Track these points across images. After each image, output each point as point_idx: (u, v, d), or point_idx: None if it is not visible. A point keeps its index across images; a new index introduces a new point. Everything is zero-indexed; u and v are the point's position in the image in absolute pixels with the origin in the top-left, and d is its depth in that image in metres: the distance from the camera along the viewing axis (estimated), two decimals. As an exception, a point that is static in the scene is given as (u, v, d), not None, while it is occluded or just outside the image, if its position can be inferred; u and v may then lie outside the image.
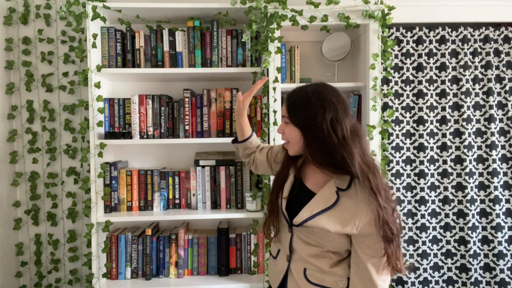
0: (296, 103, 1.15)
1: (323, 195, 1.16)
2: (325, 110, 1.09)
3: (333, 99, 1.11)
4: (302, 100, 1.14)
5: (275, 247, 1.33)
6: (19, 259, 2.14)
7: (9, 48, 2.07)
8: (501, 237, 2.03)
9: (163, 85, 2.16)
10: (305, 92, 1.15)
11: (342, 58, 2.03)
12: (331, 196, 1.14)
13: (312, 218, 1.14)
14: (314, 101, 1.12)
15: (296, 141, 1.17)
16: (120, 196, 1.97)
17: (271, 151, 1.48)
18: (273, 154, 1.46)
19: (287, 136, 1.20)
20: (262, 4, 1.83)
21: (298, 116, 1.14)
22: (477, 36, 2.05)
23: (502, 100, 2.06)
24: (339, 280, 1.18)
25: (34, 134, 2.12)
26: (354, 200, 1.12)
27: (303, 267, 1.21)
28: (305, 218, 1.16)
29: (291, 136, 1.18)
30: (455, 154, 2.06)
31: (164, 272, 1.99)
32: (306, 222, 1.15)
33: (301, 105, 1.13)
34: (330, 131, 1.08)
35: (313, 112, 1.10)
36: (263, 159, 1.49)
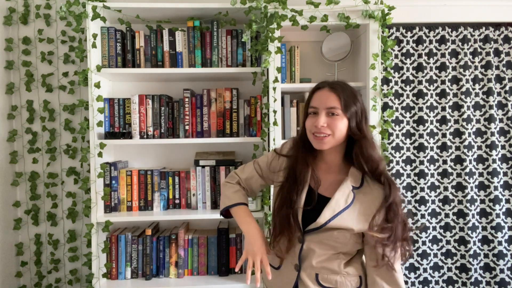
0: (347, 95, 1.14)
1: (343, 194, 1.15)
2: (365, 109, 1.17)
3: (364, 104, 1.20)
4: (352, 93, 1.16)
5: (276, 257, 1.26)
6: (19, 259, 2.14)
7: (9, 48, 2.07)
8: (501, 237, 2.03)
9: (163, 85, 2.16)
10: (349, 87, 1.18)
11: (342, 58, 2.03)
12: (350, 194, 1.16)
13: (335, 218, 1.13)
14: (359, 98, 1.17)
15: (342, 133, 1.14)
16: (120, 196, 1.97)
17: (257, 165, 1.35)
18: (263, 166, 1.34)
19: (334, 127, 1.12)
20: (262, 4, 1.83)
21: (351, 108, 1.13)
22: (477, 36, 2.05)
23: (502, 100, 2.06)
24: (352, 280, 1.19)
25: (34, 134, 2.12)
26: (370, 196, 1.16)
27: (315, 273, 1.18)
28: (328, 218, 1.13)
29: (339, 128, 1.13)
30: (455, 154, 2.06)
31: (164, 272, 1.99)
32: (330, 222, 1.13)
33: (352, 98, 1.15)
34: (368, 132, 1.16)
35: (359, 108, 1.15)
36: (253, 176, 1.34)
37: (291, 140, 1.32)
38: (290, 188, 1.18)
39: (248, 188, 1.36)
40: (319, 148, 1.16)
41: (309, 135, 1.18)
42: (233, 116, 1.99)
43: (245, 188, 1.36)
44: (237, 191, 1.32)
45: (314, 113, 1.16)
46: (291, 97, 2.02)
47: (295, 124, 1.99)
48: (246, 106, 2.00)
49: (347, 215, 1.14)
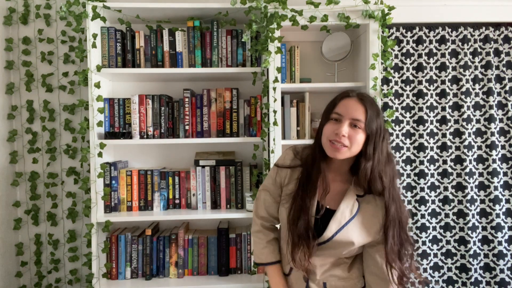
0: (373, 111, 1.12)
1: (347, 205, 1.14)
2: (386, 130, 1.15)
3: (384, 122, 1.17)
4: (377, 111, 1.14)
5: (286, 264, 1.26)
6: (19, 259, 2.14)
7: (9, 48, 2.07)
8: (501, 237, 2.03)
9: (163, 85, 2.16)
10: (376, 103, 1.15)
11: (342, 58, 2.03)
12: (354, 204, 1.15)
13: (341, 230, 1.12)
14: (381, 117, 1.14)
15: (358, 148, 1.11)
16: (120, 196, 1.97)
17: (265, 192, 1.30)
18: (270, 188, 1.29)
19: (353, 140, 1.10)
20: (262, 4, 1.83)
21: (372, 124, 1.11)
22: (477, 36, 2.05)
23: (502, 100, 2.06)
24: (357, 282, 1.21)
25: (34, 134, 2.12)
26: (373, 204, 1.15)
27: (323, 282, 1.21)
28: (334, 231, 1.12)
29: (358, 141, 1.10)
30: (455, 154, 2.06)
31: (164, 272, 1.99)
32: (335, 235, 1.12)
33: (376, 115, 1.12)
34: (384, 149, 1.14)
35: (380, 127, 1.12)
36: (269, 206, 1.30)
37: (291, 151, 1.27)
38: (304, 196, 1.16)
39: (272, 218, 1.30)
40: (333, 156, 1.12)
41: (325, 141, 1.14)
42: (233, 116, 1.99)
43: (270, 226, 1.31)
44: (265, 247, 1.28)
45: (336, 119, 1.12)
46: (291, 97, 2.02)
47: (295, 124, 1.99)
48: (246, 106, 2.00)
49: (352, 226, 1.13)
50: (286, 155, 1.27)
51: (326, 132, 1.13)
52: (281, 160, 1.28)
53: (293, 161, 1.24)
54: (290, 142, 1.93)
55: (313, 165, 1.17)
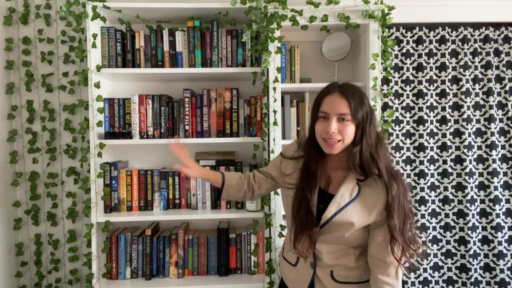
0: (356, 101, 1.16)
1: (347, 188, 1.19)
2: (372, 112, 1.18)
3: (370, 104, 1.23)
4: (361, 98, 1.17)
5: (293, 255, 1.30)
6: (19, 259, 2.14)
7: (9, 48, 2.07)
8: (501, 237, 2.03)
9: (163, 85, 2.16)
10: (358, 91, 1.18)
11: (342, 58, 2.03)
12: (354, 187, 1.19)
13: (340, 212, 1.17)
14: (366, 102, 1.18)
15: (350, 138, 1.17)
16: (120, 196, 1.97)
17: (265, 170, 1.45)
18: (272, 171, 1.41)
19: (344, 134, 1.15)
20: (262, 4, 1.83)
21: (358, 114, 1.15)
22: (477, 36, 2.05)
23: (502, 100, 2.06)
24: (363, 274, 1.24)
25: (34, 134, 2.12)
26: (375, 187, 1.19)
27: (330, 270, 1.23)
28: (333, 212, 1.17)
29: (349, 133, 1.15)
30: (455, 154, 2.06)
31: (164, 272, 1.99)
32: (335, 216, 1.17)
33: (360, 104, 1.16)
34: (373, 132, 1.18)
35: (366, 112, 1.16)
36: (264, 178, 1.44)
37: (296, 142, 1.36)
38: (304, 187, 1.21)
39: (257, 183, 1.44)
40: (328, 152, 1.19)
41: (319, 139, 1.20)
42: (233, 116, 1.99)
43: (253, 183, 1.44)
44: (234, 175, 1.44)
45: (324, 117, 1.17)
46: (291, 97, 2.02)
47: (295, 124, 1.99)
48: (246, 106, 2.00)
49: (352, 209, 1.17)
50: (291, 146, 1.37)
51: (318, 131, 1.19)
52: (285, 151, 1.37)
53: (296, 152, 1.32)
54: (290, 142, 1.92)
55: (310, 158, 1.24)
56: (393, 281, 1.18)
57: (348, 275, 1.23)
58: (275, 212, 1.84)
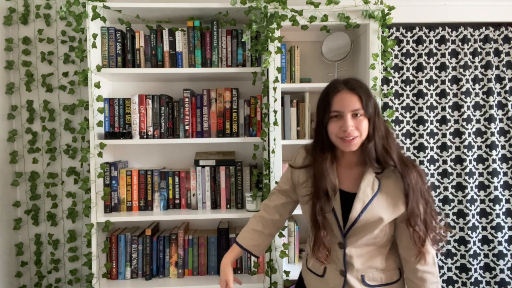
0: (365, 95, 1.15)
1: (368, 183, 1.17)
2: (377, 103, 1.18)
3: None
4: (367, 92, 1.17)
5: (318, 264, 1.26)
6: (19, 259, 2.14)
7: (9, 48, 2.07)
8: (501, 237, 2.03)
9: (163, 85, 2.16)
10: (363, 84, 1.18)
11: (342, 58, 2.03)
12: (374, 181, 1.17)
13: (366, 208, 1.14)
14: (372, 94, 1.18)
15: (366, 133, 1.15)
16: (120, 196, 1.97)
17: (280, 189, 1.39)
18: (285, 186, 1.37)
19: (361, 129, 1.14)
20: (262, 4, 1.83)
21: (369, 107, 1.15)
22: (477, 36, 2.05)
23: (502, 100, 2.06)
24: (393, 273, 1.22)
25: (34, 134, 2.12)
26: (393, 178, 1.17)
27: (361, 275, 1.20)
28: (359, 210, 1.14)
29: (364, 128, 1.14)
30: (455, 154, 2.06)
31: (164, 272, 1.99)
32: (362, 214, 1.14)
33: (369, 97, 1.16)
34: (381, 124, 1.18)
35: (374, 105, 1.16)
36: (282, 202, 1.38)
37: (303, 149, 1.32)
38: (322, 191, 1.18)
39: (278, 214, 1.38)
40: (348, 150, 1.16)
41: (335, 139, 1.17)
42: (233, 116, 1.99)
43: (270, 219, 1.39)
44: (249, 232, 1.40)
45: (337, 116, 1.15)
46: (291, 97, 2.02)
47: (295, 124, 1.99)
48: (246, 106, 2.00)
49: (377, 203, 1.15)
50: (298, 155, 1.33)
51: (333, 131, 1.16)
52: (293, 161, 1.33)
53: (306, 160, 1.28)
54: (290, 142, 1.93)
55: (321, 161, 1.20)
56: (432, 268, 1.17)
57: (380, 277, 1.20)
58: (275, 212, 1.84)
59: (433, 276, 1.17)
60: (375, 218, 1.14)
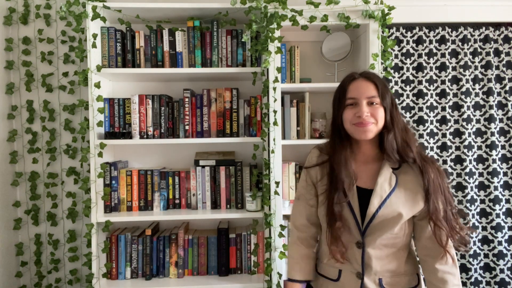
0: (382, 85, 1.15)
1: (385, 178, 1.14)
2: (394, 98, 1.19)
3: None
4: (384, 84, 1.16)
5: (333, 268, 1.21)
6: (19, 259, 2.14)
7: (9, 48, 2.07)
8: (501, 237, 2.03)
9: (163, 85, 2.16)
10: (379, 76, 1.18)
11: (342, 58, 2.03)
12: (391, 177, 1.14)
13: (384, 204, 1.11)
14: (388, 86, 1.17)
15: (382, 122, 1.14)
16: (120, 196, 1.97)
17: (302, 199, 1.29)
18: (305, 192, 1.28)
19: (377, 116, 1.12)
20: (262, 4, 1.83)
21: (386, 97, 1.14)
22: (477, 36, 2.05)
23: (502, 100, 2.06)
24: (411, 278, 1.19)
25: (34, 134, 2.12)
26: (411, 174, 1.15)
27: (378, 278, 1.15)
28: (377, 205, 1.11)
29: (381, 116, 1.13)
30: (455, 154, 2.06)
31: (164, 272, 1.99)
32: (379, 210, 1.11)
33: (385, 88, 1.15)
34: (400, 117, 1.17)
35: (391, 98, 1.16)
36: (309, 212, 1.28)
37: (316, 149, 1.28)
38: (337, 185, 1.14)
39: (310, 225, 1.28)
40: (364, 137, 1.14)
41: (349, 127, 1.15)
42: (233, 116, 1.99)
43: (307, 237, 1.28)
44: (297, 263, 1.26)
45: (352, 104, 1.14)
46: (291, 97, 2.02)
47: (295, 124, 1.99)
48: (246, 106, 2.00)
49: (395, 199, 1.12)
50: (312, 154, 1.29)
51: (348, 118, 1.15)
52: (308, 161, 1.28)
53: (320, 157, 1.24)
54: (290, 142, 1.93)
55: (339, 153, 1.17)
56: (453, 269, 1.13)
57: (398, 282, 1.16)
58: (275, 212, 1.84)
59: (454, 278, 1.12)
60: (393, 214, 1.11)
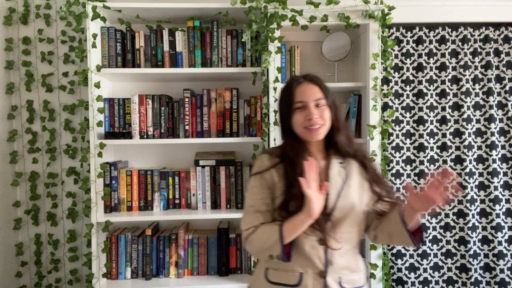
0: (325, 87, 1.22)
1: (336, 172, 1.21)
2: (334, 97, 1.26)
3: None
4: (326, 85, 1.24)
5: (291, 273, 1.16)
6: (19, 259, 2.14)
7: (9, 48, 2.07)
8: (501, 237, 2.03)
9: (163, 85, 2.16)
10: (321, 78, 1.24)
11: (342, 58, 2.03)
12: (340, 170, 1.22)
13: (340, 195, 1.17)
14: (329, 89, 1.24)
15: (329, 123, 1.20)
16: (120, 196, 1.97)
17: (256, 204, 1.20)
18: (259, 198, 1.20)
19: (324, 118, 1.18)
20: (262, 4, 1.83)
21: (329, 98, 1.21)
22: (477, 36, 2.05)
23: (502, 100, 2.06)
24: (362, 277, 1.24)
25: (34, 134, 2.12)
26: (354, 165, 1.24)
27: (338, 277, 1.17)
28: (335, 197, 1.17)
29: (327, 117, 1.19)
30: (455, 154, 2.06)
31: (164, 272, 1.99)
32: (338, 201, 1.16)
33: (327, 88, 1.23)
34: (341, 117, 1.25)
35: (333, 98, 1.24)
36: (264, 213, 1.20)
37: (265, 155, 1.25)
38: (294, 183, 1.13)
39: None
40: (315, 139, 1.20)
41: (300, 130, 1.20)
42: (233, 116, 1.99)
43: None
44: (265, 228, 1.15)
45: (300, 107, 1.19)
46: (291, 97, 2.02)
47: (295, 124, 1.99)
48: (246, 106, 2.00)
49: (347, 189, 1.19)
50: (262, 159, 1.24)
51: (299, 122, 1.19)
52: (258, 167, 1.23)
53: (272, 160, 1.22)
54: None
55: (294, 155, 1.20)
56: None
57: (354, 280, 1.19)
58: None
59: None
60: (349, 204, 1.18)
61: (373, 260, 1.90)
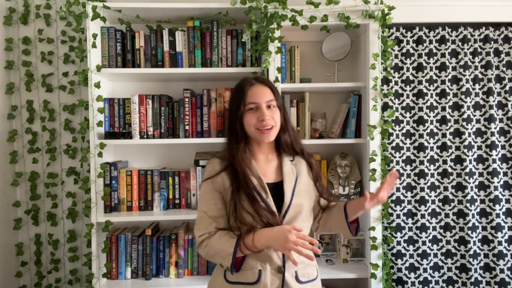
0: (275, 88, 1.28)
1: (289, 170, 1.28)
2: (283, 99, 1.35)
3: None
4: (276, 87, 1.30)
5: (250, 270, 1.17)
6: (19, 259, 2.14)
7: (9, 48, 2.07)
8: (501, 237, 2.03)
9: (163, 85, 2.16)
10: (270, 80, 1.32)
11: (342, 58, 2.03)
12: (292, 168, 1.29)
13: (294, 191, 1.24)
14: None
15: (279, 124, 1.27)
16: (120, 196, 1.97)
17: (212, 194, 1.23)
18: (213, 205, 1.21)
19: (276, 119, 1.24)
20: (262, 4, 1.83)
21: (279, 100, 1.27)
22: (477, 36, 2.05)
23: (502, 100, 2.06)
24: (315, 270, 1.28)
25: (34, 134, 2.12)
26: (302, 163, 1.33)
27: (295, 271, 1.20)
28: (290, 193, 1.22)
29: (278, 118, 1.25)
30: (455, 154, 2.06)
31: (164, 272, 1.99)
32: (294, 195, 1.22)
33: (277, 90, 1.29)
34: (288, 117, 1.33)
35: (282, 99, 1.30)
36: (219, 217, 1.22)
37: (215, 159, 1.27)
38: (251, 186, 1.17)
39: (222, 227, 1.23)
40: (267, 140, 1.24)
41: (253, 131, 1.23)
42: (233, 116, 1.98)
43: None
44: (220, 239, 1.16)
45: (253, 108, 1.23)
46: (291, 97, 2.02)
47: (295, 124, 1.99)
48: (246, 106, 2.00)
49: (299, 187, 1.26)
50: (213, 163, 1.26)
51: (251, 122, 1.22)
52: (209, 172, 1.25)
53: (222, 164, 1.24)
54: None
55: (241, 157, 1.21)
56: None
57: (308, 273, 1.24)
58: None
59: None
60: (301, 200, 1.24)
61: (373, 260, 1.90)
